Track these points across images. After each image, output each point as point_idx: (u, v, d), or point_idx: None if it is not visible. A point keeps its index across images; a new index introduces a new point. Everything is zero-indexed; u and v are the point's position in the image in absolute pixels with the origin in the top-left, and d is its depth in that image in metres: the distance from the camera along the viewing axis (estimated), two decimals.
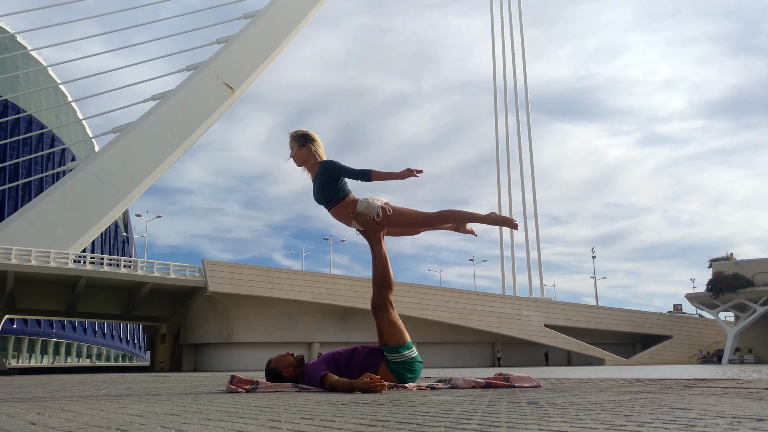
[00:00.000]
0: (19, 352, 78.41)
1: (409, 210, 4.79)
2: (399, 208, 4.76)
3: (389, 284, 4.69)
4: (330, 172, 4.63)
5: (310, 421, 2.24)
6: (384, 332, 4.59)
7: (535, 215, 57.09)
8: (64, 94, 66.63)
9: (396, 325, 4.59)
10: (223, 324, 36.94)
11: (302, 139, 4.75)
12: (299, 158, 4.76)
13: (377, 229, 4.72)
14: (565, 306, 47.71)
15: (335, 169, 4.63)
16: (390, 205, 4.73)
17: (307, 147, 4.72)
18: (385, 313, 4.60)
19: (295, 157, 4.77)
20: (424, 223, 4.81)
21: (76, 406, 3.23)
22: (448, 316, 40.93)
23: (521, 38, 62.53)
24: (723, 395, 3.15)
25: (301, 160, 4.76)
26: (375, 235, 4.73)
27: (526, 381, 4.55)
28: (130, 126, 38.06)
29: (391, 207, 4.71)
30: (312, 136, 4.77)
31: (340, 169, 4.63)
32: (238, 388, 4.46)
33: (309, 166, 4.76)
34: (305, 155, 4.74)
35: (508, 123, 59.55)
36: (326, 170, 4.64)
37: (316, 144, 4.74)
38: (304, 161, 4.75)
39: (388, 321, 4.59)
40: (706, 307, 45.60)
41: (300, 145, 4.74)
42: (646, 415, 2.25)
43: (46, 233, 33.32)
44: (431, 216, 4.79)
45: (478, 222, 4.96)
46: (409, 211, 4.78)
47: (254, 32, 42.69)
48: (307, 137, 4.75)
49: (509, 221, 4.98)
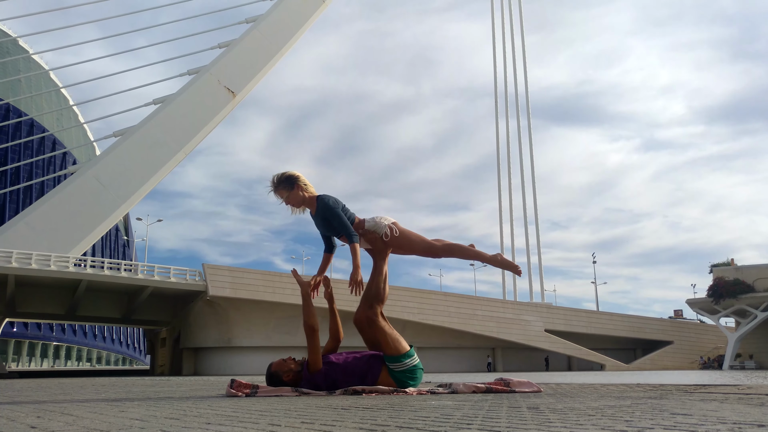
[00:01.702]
0: (19, 356, 78.30)
1: (415, 236, 4.88)
2: (406, 231, 4.86)
3: (382, 298, 4.75)
4: (331, 211, 4.67)
5: (310, 426, 2.24)
6: (383, 344, 4.61)
7: (535, 220, 57.08)
8: (66, 98, 66.69)
9: (393, 335, 4.63)
10: (223, 328, 36.89)
11: (288, 182, 4.70)
12: (296, 201, 4.74)
13: (384, 247, 4.82)
14: (566, 311, 47.64)
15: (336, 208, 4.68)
16: (398, 225, 4.83)
17: (297, 187, 4.70)
18: (378, 326, 4.64)
19: (292, 203, 4.74)
20: (429, 252, 4.92)
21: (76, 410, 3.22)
22: (448, 321, 40.87)
23: (522, 43, 62.67)
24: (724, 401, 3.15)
25: (299, 202, 4.76)
26: (381, 254, 4.83)
27: (526, 386, 4.55)
28: (131, 130, 38.11)
29: (398, 228, 4.80)
30: (295, 175, 4.74)
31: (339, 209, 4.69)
32: (238, 392, 4.46)
33: (307, 205, 4.77)
34: (300, 197, 4.73)
35: (509, 127, 59.62)
36: (327, 208, 4.68)
37: (302, 181, 4.73)
38: (302, 202, 4.76)
39: (383, 333, 4.62)
40: (706, 313, 45.52)
41: (290, 189, 4.71)
42: (646, 420, 2.25)
43: (46, 237, 33.33)
44: (436, 247, 4.90)
45: (482, 262, 5.06)
46: (415, 237, 4.88)
47: (255, 37, 42.77)
48: (292, 178, 4.71)
49: (514, 267, 5.13)
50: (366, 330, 4.71)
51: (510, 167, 58.11)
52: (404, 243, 4.83)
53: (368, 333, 4.71)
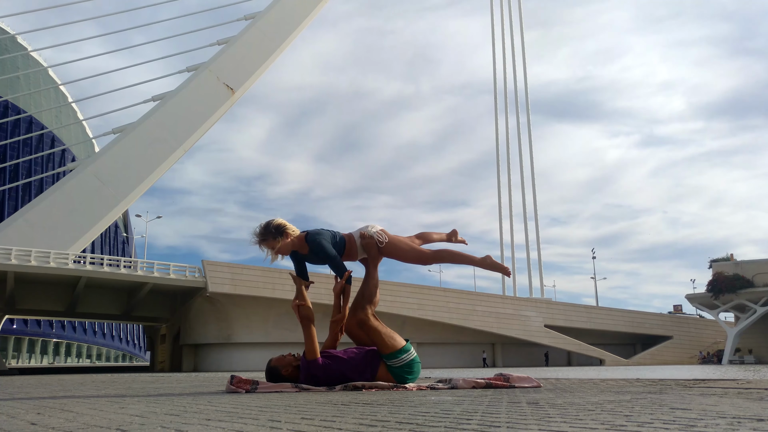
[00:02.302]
0: (19, 352, 78.39)
1: (406, 246, 5.00)
2: (397, 241, 4.98)
3: (373, 300, 4.78)
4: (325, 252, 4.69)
5: (310, 422, 2.24)
6: (378, 344, 4.65)
7: (535, 216, 57.07)
8: (65, 95, 66.57)
9: (387, 332, 4.67)
10: (223, 324, 36.94)
11: (276, 233, 4.65)
12: (287, 249, 4.74)
13: (378, 255, 4.95)
14: (565, 306, 47.69)
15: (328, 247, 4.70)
16: (386, 232, 4.97)
17: (285, 235, 4.67)
18: (371, 327, 4.68)
19: (283, 252, 4.73)
20: (419, 260, 5.03)
21: (76, 407, 3.23)
22: (448, 317, 40.93)
23: (521, 40, 62.55)
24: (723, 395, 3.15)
25: (290, 248, 4.75)
26: (375, 260, 4.95)
27: (526, 381, 4.56)
28: (131, 127, 38.04)
29: (387, 235, 4.95)
30: (283, 223, 4.70)
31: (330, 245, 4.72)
32: (238, 388, 4.47)
33: (297, 248, 4.77)
34: (289, 244, 4.71)
35: (508, 124, 59.56)
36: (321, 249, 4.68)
37: (286, 227, 4.69)
38: (293, 246, 4.75)
39: (377, 333, 4.65)
40: (706, 308, 45.59)
41: (280, 238, 4.66)
42: (646, 415, 2.25)
43: (46, 233, 33.31)
44: (427, 255, 5.02)
45: (472, 265, 5.18)
46: (406, 246, 4.99)
47: (255, 33, 42.67)
48: (281, 227, 4.67)
49: (503, 268, 5.21)
50: (358, 334, 4.79)
51: (510, 163, 58.13)
52: (395, 254, 4.97)
53: (361, 336, 4.77)
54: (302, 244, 4.76)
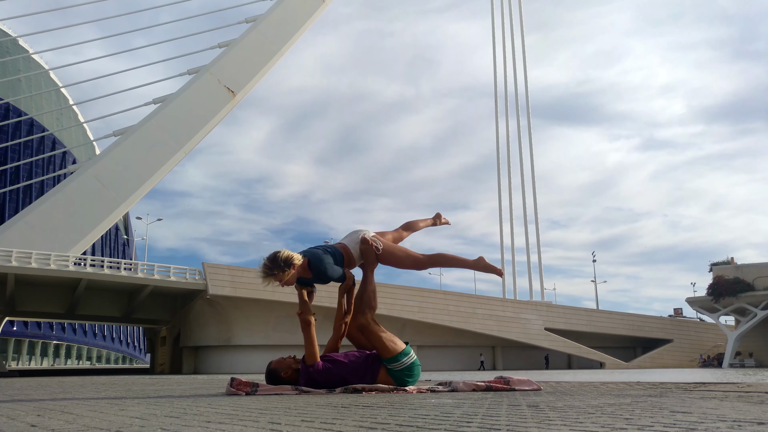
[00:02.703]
0: (19, 354, 78.32)
1: (402, 253, 5.09)
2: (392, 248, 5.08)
3: (373, 306, 4.79)
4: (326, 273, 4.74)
5: (310, 424, 2.24)
6: (379, 348, 4.66)
7: (535, 219, 57.03)
8: (66, 98, 66.63)
9: (387, 337, 4.69)
10: (223, 327, 36.91)
11: (284, 265, 4.62)
12: (294, 279, 4.74)
13: (375, 260, 5.01)
14: (566, 309, 47.65)
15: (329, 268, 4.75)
16: (380, 238, 5.06)
17: (292, 267, 4.66)
18: (372, 331, 4.68)
19: (290, 283, 4.74)
20: (415, 266, 5.12)
21: (76, 408, 3.23)
22: (448, 320, 40.90)
23: (522, 43, 62.59)
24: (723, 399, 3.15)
25: (296, 277, 4.76)
26: (372, 265, 5.00)
27: (526, 384, 4.56)
28: (131, 129, 38.07)
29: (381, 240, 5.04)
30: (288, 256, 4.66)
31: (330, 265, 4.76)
32: (239, 390, 4.47)
33: (301, 274, 4.77)
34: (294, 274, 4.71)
35: (509, 127, 59.55)
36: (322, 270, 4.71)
37: (293, 259, 4.67)
38: (299, 274, 4.75)
39: (378, 337, 4.66)
40: (706, 311, 45.56)
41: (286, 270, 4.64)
42: (646, 418, 2.25)
43: (46, 236, 33.32)
44: (422, 261, 5.10)
45: (465, 268, 5.25)
46: (402, 254, 5.09)
47: (255, 36, 42.74)
48: (288, 261, 4.64)
49: (496, 270, 5.22)
50: (358, 338, 4.84)
51: (510, 166, 58.09)
52: (390, 257, 5.03)
53: (362, 340, 4.81)
54: (306, 271, 4.79)
